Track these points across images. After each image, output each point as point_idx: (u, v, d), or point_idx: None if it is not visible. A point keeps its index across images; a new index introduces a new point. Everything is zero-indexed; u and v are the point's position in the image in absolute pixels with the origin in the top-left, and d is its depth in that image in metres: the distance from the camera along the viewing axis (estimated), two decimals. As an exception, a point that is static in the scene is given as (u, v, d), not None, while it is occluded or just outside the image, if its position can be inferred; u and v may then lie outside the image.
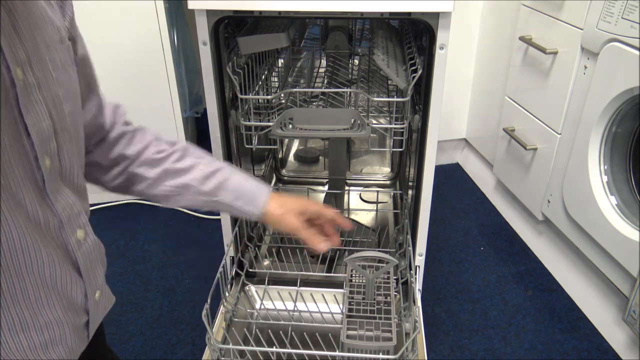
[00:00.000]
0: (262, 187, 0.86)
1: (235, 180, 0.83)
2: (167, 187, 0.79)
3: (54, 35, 0.57)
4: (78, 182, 0.62)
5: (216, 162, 0.84)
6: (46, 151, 0.54)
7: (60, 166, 0.58)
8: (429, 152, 1.13)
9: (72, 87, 0.60)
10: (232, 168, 0.85)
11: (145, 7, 1.72)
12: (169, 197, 0.81)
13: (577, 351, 1.42)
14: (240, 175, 0.85)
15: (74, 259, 0.60)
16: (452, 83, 2.07)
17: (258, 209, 0.85)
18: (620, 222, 1.32)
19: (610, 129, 1.35)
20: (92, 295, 0.64)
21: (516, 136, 1.74)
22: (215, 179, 0.81)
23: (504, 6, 1.83)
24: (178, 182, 0.79)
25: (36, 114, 0.52)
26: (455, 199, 2.10)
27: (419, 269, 1.27)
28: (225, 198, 0.83)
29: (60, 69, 0.57)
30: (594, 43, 1.36)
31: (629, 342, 1.37)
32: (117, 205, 2.05)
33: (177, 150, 0.81)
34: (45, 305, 0.57)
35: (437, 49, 1.02)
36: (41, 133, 0.53)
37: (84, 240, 0.61)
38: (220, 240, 1.28)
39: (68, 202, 0.58)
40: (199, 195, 0.81)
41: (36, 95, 0.53)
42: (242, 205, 0.84)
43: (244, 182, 0.84)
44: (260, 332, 1.16)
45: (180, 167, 0.79)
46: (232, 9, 1.00)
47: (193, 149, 0.83)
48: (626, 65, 1.24)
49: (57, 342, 0.60)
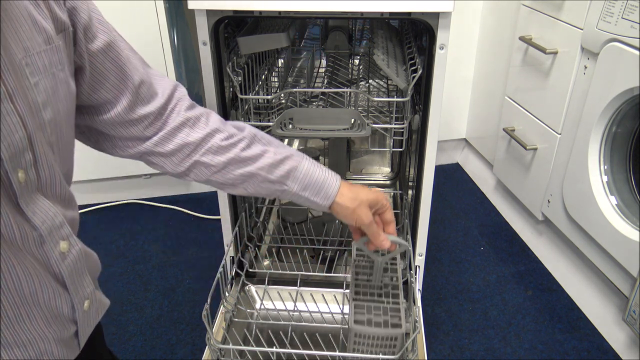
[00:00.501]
0: (332, 176, 0.81)
1: (304, 168, 0.79)
2: (234, 175, 0.77)
3: (37, 38, 0.54)
4: (61, 191, 0.59)
5: (285, 148, 0.81)
6: (19, 164, 0.52)
7: (37, 178, 0.55)
8: (429, 152, 1.13)
9: (57, 90, 0.57)
10: (301, 155, 0.81)
11: (145, 7, 1.72)
12: (235, 185, 0.79)
13: (577, 351, 1.42)
14: (310, 162, 0.81)
15: (57, 272, 0.58)
16: (452, 83, 2.07)
17: (327, 201, 0.80)
18: (620, 222, 1.32)
19: (610, 129, 1.35)
20: (79, 306, 0.62)
21: (516, 136, 1.74)
22: (284, 168, 0.78)
23: (504, 6, 1.83)
24: (245, 170, 0.77)
25: (6, 127, 0.49)
26: (455, 199, 2.10)
27: (419, 269, 1.27)
28: (293, 187, 0.79)
29: (41, 73, 0.54)
30: (594, 43, 1.36)
31: (629, 342, 1.37)
32: (117, 205, 2.05)
33: (245, 137, 0.78)
34: (27, 321, 0.56)
35: (437, 49, 1.02)
36: (12, 146, 0.50)
37: (68, 252, 0.59)
38: (220, 240, 1.28)
39: (48, 214, 0.56)
40: (266, 184, 0.78)
41: (7, 105, 0.49)
42: (309, 195, 0.80)
43: (313, 171, 0.80)
44: (260, 332, 1.16)
45: (248, 155, 0.77)
46: (232, 9, 0.99)
47: (261, 134, 0.80)
48: (626, 65, 1.24)
49: (41, 356, 0.59)
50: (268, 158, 0.78)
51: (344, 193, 0.81)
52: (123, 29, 2.00)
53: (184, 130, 0.75)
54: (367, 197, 0.82)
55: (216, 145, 0.76)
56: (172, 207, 2.03)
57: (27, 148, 0.52)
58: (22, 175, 0.52)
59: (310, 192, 0.80)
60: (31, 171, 0.54)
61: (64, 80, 0.58)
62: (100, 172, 1.96)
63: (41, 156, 0.54)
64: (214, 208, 1.98)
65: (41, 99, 0.54)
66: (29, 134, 0.52)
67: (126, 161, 2.29)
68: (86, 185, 2.02)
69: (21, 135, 0.51)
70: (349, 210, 0.81)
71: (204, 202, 2.08)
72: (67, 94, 0.59)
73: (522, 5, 1.66)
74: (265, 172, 0.78)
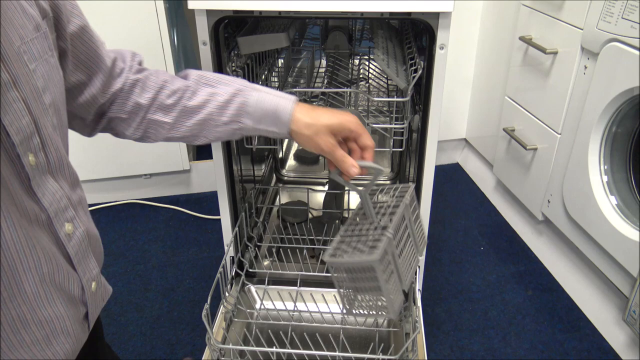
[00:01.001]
0: (286, 101, 0.77)
1: (254, 100, 0.76)
2: (187, 127, 0.77)
3: (28, 25, 0.55)
4: (69, 172, 0.62)
5: (233, 84, 0.78)
6: (29, 148, 0.54)
7: (47, 160, 0.57)
8: (429, 152, 1.12)
9: (52, 75, 0.59)
10: (251, 86, 0.79)
11: (145, 7, 1.72)
12: (195, 136, 0.78)
13: (577, 351, 1.42)
14: (259, 93, 0.77)
15: (66, 253, 0.60)
16: (452, 83, 2.07)
17: (284, 129, 0.77)
18: (620, 222, 1.32)
19: (610, 129, 1.35)
20: (87, 287, 0.64)
21: (516, 136, 1.74)
22: (233, 106, 0.76)
23: (504, 6, 1.83)
24: (196, 119, 0.77)
25: (14, 113, 0.51)
26: (455, 199, 2.10)
27: (419, 269, 1.27)
28: (248, 123, 0.77)
29: (37, 59, 0.56)
30: (594, 43, 1.36)
31: (629, 342, 1.37)
32: (117, 205, 2.05)
33: (190, 85, 0.77)
34: (44, 300, 0.57)
35: (437, 49, 1.02)
36: (21, 131, 0.52)
37: (73, 234, 0.61)
38: (220, 240, 1.28)
39: (55, 196, 0.58)
40: (221, 127, 0.77)
41: (13, 93, 0.52)
42: (266, 127, 0.77)
43: (264, 100, 0.77)
44: (260, 332, 1.16)
45: (195, 104, 0.76)
46: (232, 9, 1.00)
47: (207, 75, 0.79)
48: (626, 65, 1.24)
49: (58, 334, 0.60)
50: (215, 101, 0.76)
51: (300, 119, 0.76)
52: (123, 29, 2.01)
53: (135, 92, 0.76)
54: (328, 123, 0.76)
55: (164, 103, 0.76)
56: (172, 207, 2.03)
57: (35, 132, 0.54)
58: (32, 158, 0.54)
59: (265, 124, 0.77)
60: (40, 154, 0.56)
61: (55, 65, 0.60)
62: (100, 172, 1.97)
63: (47, 139, 0.57)
64: (214, 208, 1.98)
65: (40, 84, 0.56)
66: (34, 118, 0.54)
67: (126, 161, 2.29)
68: (86, 185, 2.02)
69: (28, 120, 0.53)
70: (305, 137, 0.76)
71: (204, 202, 2.08)
72: (59, 79, 0.62)
73: (522, 5, 1.66)
74: (216, 116, 0.77)
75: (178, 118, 0.77)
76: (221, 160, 1.16)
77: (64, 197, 0.59)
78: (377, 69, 1.45)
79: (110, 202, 2.05)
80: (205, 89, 0.77)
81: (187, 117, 0.77)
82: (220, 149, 1.16)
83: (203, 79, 0.78)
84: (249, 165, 1.43)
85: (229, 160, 1.20)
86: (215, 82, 0.78)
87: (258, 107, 0.77)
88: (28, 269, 0.55)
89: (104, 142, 1.88)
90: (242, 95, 0.77)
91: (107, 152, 1.92)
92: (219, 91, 0.77)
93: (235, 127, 0.78)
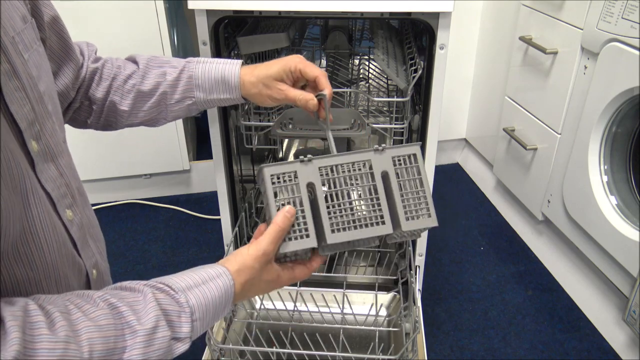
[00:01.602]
0: (231, 66, 0.79)
1: (200, 72, 0.78)
2: (144, 111, 0.78)
3: (16, 16, 0.57)
4: (68, 160, 0.63)
5: (181, 61, 0.80)
6: (32, 135, 0.55)
7: (47, 147, 0.58)
8: (429, 152, 1.13)
9: (42, 65, 0.60)
10: (195, 60, 0.80)
11: (145, 7, 1.72)
12: (152, 119, 0.80)
13: (577, 351, 1.42)
14: (204, 64, 0.79)
15: (71, 237, 0.61)
16: (452, 83, 2.07)
17: (236, 93, 0.79)
18: (620, 222, 1.32)
19: (610, 129, 1.35)
20: (90, 274, 0.65)
21: (516, 136, 1.74)
22: (182, 82, 0.78)
23: (504, 6, 1.83)
24: (152, 102, 0.78)
25: (17, 101, 0.52)
26: (455, 199, 2.10)
27: (419, 269, 1.27)
28: (200, 96, 0.79)
29: (29, 49, 0.57)
30: (594, 43, 1.36)
31: (629, 342, 1.37)
32: (117, 205, 2.05)
33: (139, 70, 0.79)
34: (63, 282, 0.58)
35: (437, 49, 1.02)
36: (25, 118, 0.53)
37: (73, 220, 0.62)
38: (220, 240, 1.28)
39: (56, 183, 0.59)
40: (177, 105, 0.79)
41: (14, 82, 0.53)
42: (218, 96, 0.79)
43: (210, 70, 0.79)
44: (260, 332, 1.16)
45: (147, 87, 0.78)
46: (232, 9, 1.00)
47: (155, 59, 0.80)
48: (626, 65, 1.24)
49: None
50: (166, 81, 0.78)
51: (246, 80, 0.78)
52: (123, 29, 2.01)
53: (94, 81, 0.77)
54: (269, 73, 0.78)
55: (119, 91, 0.78)
56: (172, 207, 2.03)
57: (35, 120, 0.55)
58: (35, 144, 0.55)
59: (217, 92, 0.79)
60: (41, 141, 0.57)
61: (43, 54, 0.62)
62: (100, 172, 1.96)
63: (45, 127, 0.58)
64: (214, 208, 1.98)
65: (35, 73, 0.57)
66: (32, 106, 0.55)
67: (126, 161, 2.29)
68: (86, 185, 2.00)
69: (28, 108, 0.54)
70: (257, 94, 0.79)
71: (204, 202, 2.08)
72: (48, 67, 0.63)
73: (522, 5, 1.66)
74: (169, 95, 0.78)
75: (134, 104, 0.78)
76: (221, 160, 1.16)
77: (62, 185, 0.60)
78: (377, 69, 1.45)
79: (110, 202, 2.05)
80: (154, 71, 0.79)
81: (142, 102, 0.78)
82: (220, 149, 1.16)
83: (152, 61, 0.80)
84: (249, 165, 1.43)
85: (229, 160, 1.20)
86: (164, 62, 0.80)
87: (206, 78, 0.78)
88: (51, 251, 0.55)
89: (104, 142, 1.88)
90: (189, 70, 0.79)
91: (107, 152, 1.92)
92: (167, 70, 0.79)
93: (189, 103, 0.79)
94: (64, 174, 0.61)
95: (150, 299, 0.54)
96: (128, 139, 1.91)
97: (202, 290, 0.57)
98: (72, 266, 0.60)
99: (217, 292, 0.58)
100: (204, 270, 0.60)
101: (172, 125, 1.92)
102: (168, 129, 1.92)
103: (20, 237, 0.50)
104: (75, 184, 0.64)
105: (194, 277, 0.59)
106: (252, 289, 0.63)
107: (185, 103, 0.79)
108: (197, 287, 0.57)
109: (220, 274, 0.60)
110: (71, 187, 0.62)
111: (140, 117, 0.80)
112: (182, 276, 0.59)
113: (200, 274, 0.59)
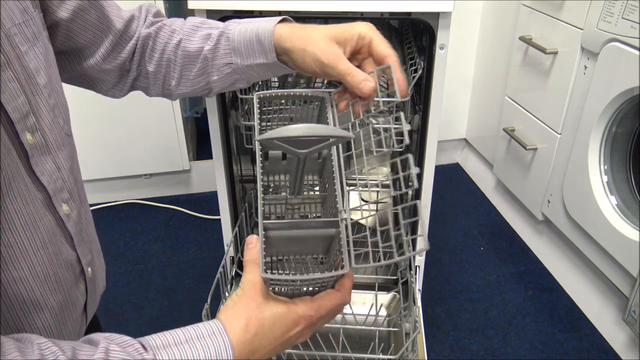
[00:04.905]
0: (265, 23, 0.67)
1: (235, 34, 0.70)
2: (192, 80, 0.75)
3: (15, 9, 0.56)
4: (68, 153, 0.62)
5: (219, 24, 0.74)
6: (26, 127, 0.54)
7: (44, 140, 0.57)
8: (429, 152, 1.13)
9: (46, 57, 0.59)
10: (235, 21, 0.73)
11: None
12: (202, 88, 0.77)
13: (577, 351, 1.42)
14: (241, 24, 0.71)
15: (67, 232, 0.60)
16: (452, 83, 2.07)
17: (271, 57, 0.67)
18: (620, 222, 1.32)
19: (610, 129, 1.35)
20: (86, 272, 0.64)
21: (516, 136, 1.74)
22: (221, 46, 0.72)
23: (504, 6, 1.83)
24: (196, 71, 0.75)
25: (10, 92, 0.52)
26: (455, 199, 2.10)
27: (419, 269, 1.27)
28: (238, 61, 0.71)
29: (29, 41, 0.57)
30: (594, 43, 1.36)
31: (629, 342, 1.37)
32: (117, 205, 2.05)
33: (184, 36, 0.75)
34: (54, 283, 0.57)
35: (437, 49, 1.02)
36: (18, 110, 0.53)
37: (70, 215, 0.61)
38: (220, 240, 1.28)
39: (52, 177, 0.58)
40: (217, 74, 0.74)
41: (7, 72, 0.52)
42: (254, 60, 0.69)
43: (245, 30, 0.70)
44: (260, 332, 1.16)
45: (192, 51, 0.73)
46: (232, 9, 1.00)
47: (204, 22, 0.75)
48: (626, 65, 1.24)
49: (66, 321, 0.60)
50: (207, 46, 0.73)
51: (285, 32, 0.63)
52: (123, 29, 1.96)
53: (145, 56, 0.76)
54: (327, 32, 0.61)
55: (171, 58, 0.76)
56: (172, 207, 2.03)
57: (30, 112, 0.55)
58: (30, 137, 0.54)
59: (253, 56, 0.68)
60: (37, 134, 0.56)
61: (47, 45, 0.61)
62: (100, 172, 1.97)
63: (43, 120, 0.57)
64: (214, 208, 1.98)
65: (33, 65, 0.57)
66: (28, 98, 0.55)
67: (126, 161, 2.29)
68: (86, 185, 2.01)
69: (23, 100, 0.54)
70: (298, 52, 0.62)
71: (204, 202, 2.08)
72: (53, 59, 0.62)
73: (522, 5, 1.66)
74: (210, 61, 0.73)
75: (181, 76, 0.76)
76: (221, 160, 1.16)
77: (59, 179, 0.59)
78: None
79: (110, 202, 2.05)
80: (199, 33, 0.75)
81: (188, 70, 0.76)
82: (220, 149, 1.16)
83: (187, 23, 0.77)
84: (249, 165, 1.43)
85: (229, 160, 1.20)
86: (202, 22, 0.76)
87: (242, 39, 0.70)
88: (36, 248, 0.54)
89: (104, 142, 1.88)
90: (226, 33, 0.72)
91: (107, 152, 1.92)
92: (211, 32, 0.73)
93: (228, 72, 0.73)
94: (62, 168, 0.60)
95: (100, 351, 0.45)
96: (128, 139, 1.91)
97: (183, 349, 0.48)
98: (64, 263, 0.59)
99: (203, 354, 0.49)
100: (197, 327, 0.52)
101: (172, 125, 1.93)
102: (168, 129, 1.92)
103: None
104: (74, 179, 0.64)
105: (180, 334, 0.50)
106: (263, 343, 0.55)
107: (225, 72, 0.72)
108: (177, 345, 0.48)
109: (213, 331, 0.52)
110: (69, 181, 0.62)
111: (189, 87, 0.77)
112: (171, 332, 0.50)
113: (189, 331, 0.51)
